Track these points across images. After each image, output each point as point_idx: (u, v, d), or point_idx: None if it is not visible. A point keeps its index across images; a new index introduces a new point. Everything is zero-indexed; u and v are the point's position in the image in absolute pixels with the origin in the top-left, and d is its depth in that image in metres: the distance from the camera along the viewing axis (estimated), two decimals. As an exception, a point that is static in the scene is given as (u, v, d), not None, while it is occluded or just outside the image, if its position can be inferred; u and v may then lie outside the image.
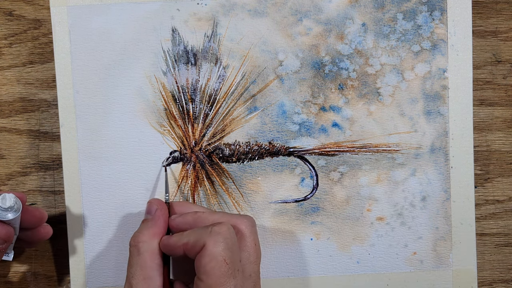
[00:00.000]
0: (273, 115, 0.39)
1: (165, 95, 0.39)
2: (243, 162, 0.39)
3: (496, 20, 0.41)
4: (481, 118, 0.41)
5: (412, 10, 0.39)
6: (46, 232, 0.36)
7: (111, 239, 0.39)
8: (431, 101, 0.39)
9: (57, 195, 0.40)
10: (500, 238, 0.41)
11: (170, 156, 0.39)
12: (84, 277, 0.39)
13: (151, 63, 0.39)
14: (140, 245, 0.33)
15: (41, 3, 0.40)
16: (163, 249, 0.33)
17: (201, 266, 0.30)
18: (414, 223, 0.39)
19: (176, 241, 0.32)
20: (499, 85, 0.41)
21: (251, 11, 0.39)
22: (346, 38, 0.39)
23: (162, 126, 0.39)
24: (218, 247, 0.30)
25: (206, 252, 0.30)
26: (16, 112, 0.40)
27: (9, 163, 0.40)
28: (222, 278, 0.30)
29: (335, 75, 0.39)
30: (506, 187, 0.41)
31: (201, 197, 0.39)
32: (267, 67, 0.39)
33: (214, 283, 0.30)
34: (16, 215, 0.33)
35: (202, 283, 0.30)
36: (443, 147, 0.39)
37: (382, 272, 0.39)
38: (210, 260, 0.30)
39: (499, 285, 0.41)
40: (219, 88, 0.39)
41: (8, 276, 0.41)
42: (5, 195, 0.32)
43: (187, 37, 0.39)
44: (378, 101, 0.39)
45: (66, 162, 0.39)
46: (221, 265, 0.30)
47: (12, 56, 0.40)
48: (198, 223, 0.34)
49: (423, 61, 0.39)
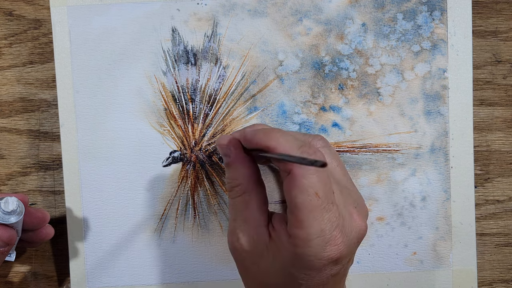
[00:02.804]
0: (273, 115, 0.39)
1: (165, 95, 0.39)
2: (243, 162, 0.39)
3: (496, 20, 0.41)
4: (481, 118, 0.41)
5: (412, 10, 0.39)
6: (47, 233, 0.36)
7: (111, 239, 0.39)
8: (431, 101, 0.39)
9: (57, 195, 0.40)
10: (500, 238, 0.41)
11: (170, 156, 0.39)
12: (84, 277, 0.39)
13: (151, 63, 0.39)
14: (238, 188, 0.31)
15: (41, 3, 0.40)
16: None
17: (291, 198, 0.28)
18: (414, 223, 0.39)
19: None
20: (499, 85, 0.41)
21: (251, 11, 0.39)
22: (346, 38, 0.39)
23: (162, 126, 0.39)
24: (309, 179, 0.27)
25: (295, 183, 0.27)
26: (16, 112, 0.40)
27: (9, 163, 0.40)
28: (313, 213, 0.27)
29: (335, 75, 0.39)
30: (506, 187, 0.41)
31: (201, 197, 0.39)
32: (267, 67, 0.39)
33: (306, 218, 0.27)
34: (19, 219, 0.33)
35: (293, 217, 0.28)
36: (443, 147, 0.39)
37: (382, 272, 0.39)
38: (300, 193, 0.27)
39: (499, 285, 0.41)
40: (219, 88, 0.39)
41: (9, 276, 0.41)
42: (8, 198, 0.32)
43: (187, 37, 0.39)
44: (378, 101, 0.39)
45: (66, 162, 0.39)
46: (312, 198, 0.27)
47: (12, 56, 0.40)
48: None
49: (423, 61, 0.39)
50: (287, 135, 0.29)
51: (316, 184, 0.27)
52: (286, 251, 0.29)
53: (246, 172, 0.31)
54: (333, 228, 0.28)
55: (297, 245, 0.28)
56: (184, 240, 0.39)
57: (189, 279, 0.39)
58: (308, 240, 0.27)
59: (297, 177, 0.27)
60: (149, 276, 0.39)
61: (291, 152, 0.28)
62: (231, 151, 0.32)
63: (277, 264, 0.29)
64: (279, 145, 0.28)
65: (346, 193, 0.31)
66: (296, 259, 0.28)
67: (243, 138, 0.31)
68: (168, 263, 0.39)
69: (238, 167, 0.31)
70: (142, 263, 0.39)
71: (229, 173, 0.32)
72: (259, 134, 0.30)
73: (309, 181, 0.27)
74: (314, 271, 0.28)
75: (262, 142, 0.29)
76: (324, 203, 0.27)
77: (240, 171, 0.31)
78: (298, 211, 0.28)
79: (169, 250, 0.39)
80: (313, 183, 0.27)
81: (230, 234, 0.32)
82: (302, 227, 0.28)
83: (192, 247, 0.39)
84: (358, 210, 0.31)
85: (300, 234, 0.28)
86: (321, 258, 0.28)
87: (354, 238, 0.30)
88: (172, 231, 0.39)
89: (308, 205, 0.27)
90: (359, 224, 0.30)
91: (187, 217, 0.39)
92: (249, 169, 0.32)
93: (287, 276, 0.29)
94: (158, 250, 0.39)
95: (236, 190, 0.32)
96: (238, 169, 0.31)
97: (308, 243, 0.28)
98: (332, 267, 0.29)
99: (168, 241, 0.39)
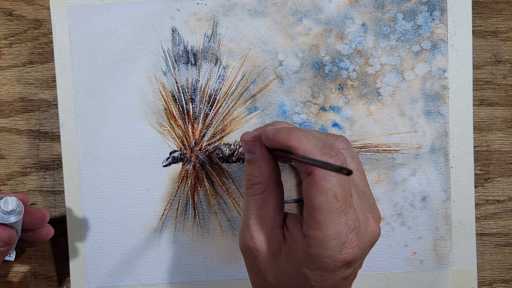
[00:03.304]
0: (273, 115, 0.39)
1: (165, 95, 0.39)
2: (243, 162, 0.39)
3: (496, 20, 0.41)
4: (481, 118, 0.41)
5: (412, 10, 0.39)
6: (47, 233, 0.36)
7: (111, 239, 0.39)
8: (431, 101, 0.39)
9: (57, 195, 0.40)
10: (500, 238, 0.41)
11: (170, 156, 0.39)
12: (84, 277, 0.39)
13: (151, 63, 0.39)
14: (258, 186, 0.31)
15: (41, 3, 0.40)
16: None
17: (310, 199, 0.28)
18: (414, 223, 0.39)
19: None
20: (499, 85, 0.41)
21: (251, 11, 0.39)
22: (346, 38, 0.39)
23: (162, 126, 0.39)
24: (329, 181, 0.27)
25: (315, 184, 0.27)
26: (16, 112, 0.40)
27: (9, 163, 0.40)
28: (331, 215, 0.27)
29: (335, 75, 0.39)
30: (506, 187, 0.41)
31: (201, 197, 0.39)
32: (267, 67, 0.39)
33: (324, 220, 0.27)
34: (18, 218, 0.33)
35: (311, 218, 0.28)
36: (443, 147, 0.39)
37: (382, 272, 0.39)
38: (320, 194, 0.27)
39: (499, 285, 0.41)
40: (219, 88, 0.39)
41: (8, 276, 0.41)
42: (7, 198, 0.32)
43: (187, 37, 0.39)
44: (378, 101, 0.39)
45: (66, 162, 0.39)
46: (331, 201, 0.27)
47: (12, 56, 0.40)
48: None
49: (423, 61, 0.39)
50: (309, 135, 0.29)
51: (336, 187, 0.27)
52: (300, 252, 0.29)
53: (268, 170, 0.31)
54: (350, 230, 0.28)
55: (313, 245, 0.28)
56: (184, 240, 0.39)
57: (189, 279, 0.39)
58: (325, 241, 0.28)
59: (318, 179, 0.27)
60: (149, 276, 0.39)
61: (313, 153, 0.28)
62: (256, 148, 0.32)
63: (289, 264, 0.29)
64: (301, 145, 0.28)
65: (363, 197, 0.31)
66: (311, 260, 0.28)
67: (265, 136, 0.31)
68: (168, 263, 0.39)
69: (261, 164, 0.31)
70: (142, 263, 0.39)
71: (250, 170, 0.32)
72: (280, 133, 0.30)
73: (330, 184, 0.27)
74: (328, 272, 0.28)
75: (284, 142, 0.29)
76: (343, 205, 0.28)
77: (263, 169, 0.31)
78: (316, 212, 0.28)
79: (169, 250, 0.39)
80: (333, 185, 0.27)
81: (244, 232, 0.32)
82: (319, 228, 0.28)
83: (192, 247, 0.39)
84: (373, 214, 0.31)
85: (316, 235, 0.28)
86: (336, 260, 0.28)
87: (368, 242, 0.30)
88: (172, 231, 0.39)
89: (326, 207, 0.27)
90: (374, 228, 0.30)
91: (187, 217, 0.39)
92: (272, 168, 0.32)
93: (299, 277, 0.29)
94: (158, 250, 0.39)
95: (256, 187, 0.31)
96: (261, 166, 0.31)
97: (324, 244, 0.28)
98: (345, 270, 0.29)
99: (168, 241, 0.39)
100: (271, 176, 0.31)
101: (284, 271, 0.30)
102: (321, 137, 0.31)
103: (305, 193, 0.28)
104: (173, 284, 0.39)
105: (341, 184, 0.28)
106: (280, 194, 0.32)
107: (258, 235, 0.31)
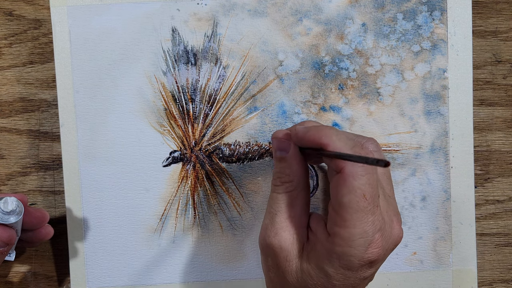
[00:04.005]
0: (273, 115, 0.39)
1: (165, 95, 0.39)
2: (243, 162, 0.39)
3: (496, 20, 0.41)
4: (481, 118, 0.41)
5: (412, 10, 0.39)
6: (47, 233, 0.36)
7: (111, 239, 0.39)
8: (431, 101, 0.39)
9: (57, 195, 0.40)
10: (500, 238, 0.41)
11: (170, 156, 0.39)
12: (84, 277, 0.39)
13: (151, 63, 0.39)
14: (289, 185, 0.31)
15: (41, 3, 0.40)
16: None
17: (338, 196, 0.28)
18: (414, 223, 0.39)
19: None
20: (499, 85, 0.41)
21: (251, 11, 0.39)
22: (346, 38, 0.39)
23: (162, 126, 0.39)
24: (359, 180, 0.27)
25: (344, 182, 0.27)
26: (16, 112, 0.40)
27: (9, 163, 0.40)
28: (359, 214, 0.27)
29: (335, 75, 0.39)
30: (506, 187, 0.41)
31: (201, 197, 0.39)
32: (267, 67, 0.39)
33: (351, 218, 0.27)
34: (18, 218, 0.33)
35: (338, 216, 0.28)
36: (443, 147, 0.39)
37: (382, 272, 0.39)
38: (348, 193, 0.27)
39: (499, 285, 0.41)
40: (219, 88, 0.39)
41: (8, 276, 0.41)
42: (7, 198, 0.32)
43: (187, 37, 0.39)
44: (378, 101, 0.39)
45: (66, 162, 0.39)
46: (360, 199, 0.27)
47: (12, 56, 0.40)
48: None
49: (423, 61, 0.39)
50: (340, 134, 0.29)
51: (365, 186, 0.27)
52: (324, 250, 0.29)
53: (299, 169, 0.31)
54: (376, 231, 0.28)
55: (338, 244, 0.28)
56: (184, 240, 0.39)
57: (189, 279, 0.39)
58: (351, 240, 0.28)
59: (347, 177, 0.27)
60: (149, 276, 0.39)
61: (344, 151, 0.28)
62: (289, 146, 0.31)
63: (311, 264, 0.29)
64: (332, 143, 0.28)
65: (389, 200, 0.31)
66: (335, 259, 0.28)
67: (295, 135, 0.31)
68: (168, 263, 0.39)
69: (293, 163, 0.31)
70: (142, 263, 0.39)
71: (281, 168, 0.32)
72: (311, 131, 0.30)
73: (359, 182, 0.27)
74: (351, 271, 0.28)
75: (315, 139, 0.29)
76: (370, 205, 0.27)
77: (294, 168, 0.31)
78: (343, 210, 0.28)
79: (169, 250, 0.39)
80: (362, 184, 0.27)
81: (267, 229, 0.31)
82: (345, 226, 0.28)
83: (192, 247, 0.39)
84: (397, 218, 0.31)
85: (342, 233, 0.28)
86: (361, 259, 0.28)
87: (391, 244, 0.30)
88: (172, 231, 0.39)
89: (354, 206, 0.27)
90: (398, 231, 0.30)
91: (187, 217, 0.39)
92: (303, 167, 0.32)
93: (321, 276, 0.29)
94: (158, 250, 0.39)
95: (286, 185, 0.31)
96: (293, 165, 0.31)
97: (350, 242, 0.28)
98: (367, 270, 0.29)
99: (168, 241, 0.39)
100: (302, 176, 0.31)
101: (305, 270, 0.30)
102: (351, 137, 0.31)
103: (333, 191, 0.28)
104: (173, 284, 0.39)
105: (370, 184, 0.27)
106: (308, 194, 0.32)
107: (284, 232, 0.31)
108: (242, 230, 0.39)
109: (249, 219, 0.39)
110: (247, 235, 0.39)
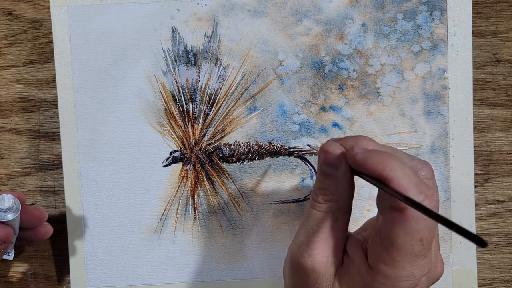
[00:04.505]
0: (273, 115, 0.39)
1: (165, 95, 0.39)
2: (243, 162, 0.39)
3: (496, 20, 0.41)
4: (481, 118, 0.41)
5: (412, 10, 0.39)
6: (46, 231, 0.36)
7: (111, 239, 0.39)
8: (431, 101, 0.39)
9: (57, 195, 0.40)
10: (500, 238, 0.41)
11: (170, 156, 0.39)
12: (84, 277, 0.39)
13: (151, 63, 0.39)
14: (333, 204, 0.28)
15: (41, 3, 0.40)
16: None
17: (391, 235, 0.26)
18: (414, 223, 0.39)
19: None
20: (499, 85, 0.41)
21: (251, 11, 0.39)
22: (346, 38, 0.39)
23: (162, 126, 0.39)
24: (420, 224, 0.25)
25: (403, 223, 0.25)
26: (16, 112, 0.40)
27: (9, 163, 0.40)
28: (411, 257, 0.25)
29: (335, 75, 0.39)
30: (506, 187, 0.41)
31: (201, 197, 0.39)
32: (267, 67, 0.39)
33: (401, 260, 0.25)
34: (15, 216, 0.33)
35: (386, 253, 0.26)
36: (443, 147, 0.39)
37: (382, 272, 0.39)
38: (405, 234, 0.25)
39: (499, 285, 0.41)
40: (219, 88, 0.39)
41: (8, 276, 0.41)
42: (4, 196, 0.32)
43: (187, 37, 0.39)
44: (378, 101, 0.39)
45: (66, 162, 0.39)
46: (416, 243, 0.25)
47: (12, 56, 0.40)
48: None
49: (423, 61, 0.39)
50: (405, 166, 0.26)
51: (424, 231, 0.25)
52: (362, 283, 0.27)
53: (346, 190, 0.29)
54: (423, 274, 0.27)
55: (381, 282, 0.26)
56: (184, 240, 0.39)
57: (189, 279, 0.39)
58: (396, 281, 0.26)
59: (409, 219, 0.25)
60: (149, 276, 0.39)
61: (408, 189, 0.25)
62: (340, 164, 0.28)
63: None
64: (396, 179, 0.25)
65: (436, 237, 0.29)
66: None
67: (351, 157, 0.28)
68: (168, 263, 0.39)
69: (342, 183, 0.28)
70: (142, 263, 0.39)
71: (327, 185, 0.29)
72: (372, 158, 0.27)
73: (419, 227, 0.25)
74: None
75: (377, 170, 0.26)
76: (425, 250, 0.26)
77: (342, 188, 0.28)
78: (395, 251, 0.26)
79: (169, 250, 0.39)
80: (422, 229, 0.25)
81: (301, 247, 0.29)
82: (393, 267, 0.26)
83: (192, 247, 0.39)
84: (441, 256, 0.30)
85: (389, 273, 0.26)
86: None
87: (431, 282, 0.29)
88: (172, 231, 0.39)
89: (408, 249, 0.25)
90: (440, 270, 0.29)
91: (187, 217, 0.39)
92: (351, 189, 0.29)
93: None
94: (158, 250, 0.39)
95: (330, 205, 0.29)
96: (341, 185, 0.28)
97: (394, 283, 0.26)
98: None
99: (168, 241, 0.39)
100: (348, 198, 0.29)
101: None
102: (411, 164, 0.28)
103: (386, 227, 0.26)
104: (173, 284, 0.39)
105: (430, 228, 0.25)
106: (349, 217, 0.30)
107: (319, 255, 0.28)
108: (242, 230, 0.39)
109: (249, 219, 0.39)
110: (247, 235, 0.39)
